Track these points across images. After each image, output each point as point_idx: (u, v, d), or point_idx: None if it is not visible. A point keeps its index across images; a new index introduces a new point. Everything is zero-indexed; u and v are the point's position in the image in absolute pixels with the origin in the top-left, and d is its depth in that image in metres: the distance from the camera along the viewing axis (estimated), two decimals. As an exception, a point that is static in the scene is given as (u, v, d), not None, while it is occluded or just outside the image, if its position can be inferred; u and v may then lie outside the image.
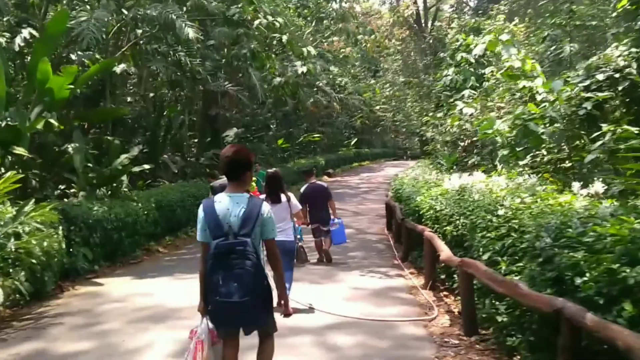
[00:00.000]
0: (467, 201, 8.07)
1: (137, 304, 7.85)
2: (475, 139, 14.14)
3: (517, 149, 10.38)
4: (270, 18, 20.05)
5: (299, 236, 9.24)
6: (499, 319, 5.54)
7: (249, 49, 19.15)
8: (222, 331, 3.90)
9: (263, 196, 4.35)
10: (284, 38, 21.49)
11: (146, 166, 14.07)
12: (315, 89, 29.67)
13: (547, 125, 9.22)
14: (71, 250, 9.71)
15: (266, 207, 3.88)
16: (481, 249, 6.25)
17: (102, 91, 16.13)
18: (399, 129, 58.37)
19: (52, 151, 13.15)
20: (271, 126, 30.60)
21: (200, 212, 3.83)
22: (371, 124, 51.13)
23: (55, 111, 11.62)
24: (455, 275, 7.69)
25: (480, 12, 36.94)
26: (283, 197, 7.34)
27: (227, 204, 3.79)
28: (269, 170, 4.74)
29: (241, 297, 3.58)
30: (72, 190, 12.75)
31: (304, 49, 22.17)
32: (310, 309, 7.33)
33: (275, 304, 4.02)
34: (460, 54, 19.32)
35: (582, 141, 9.19)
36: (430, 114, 30.98)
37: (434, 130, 23.15)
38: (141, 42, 16.80)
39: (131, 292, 8.68)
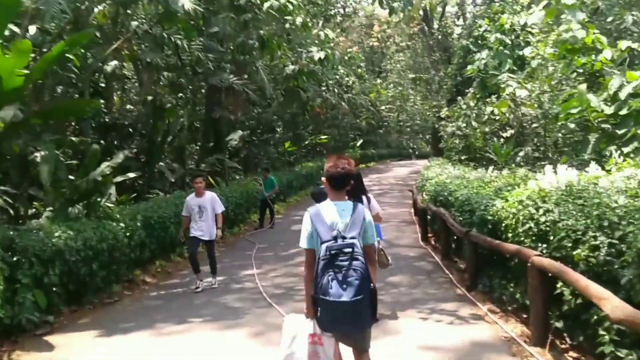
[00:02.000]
0: (598, 206, 4.84)
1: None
2: (535, 125, 10.77)
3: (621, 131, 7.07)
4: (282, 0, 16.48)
5: (379, 238, 6.30)
6: None
7: (258, 36, 15.66)
8: (332, 333, 3.59)
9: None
10: (298, 21, 17.80)
11: (131, 175, 10.71)
12: (323, 87, 26.18)
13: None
14: (15, 297, 6.51)
15: (368, 214, 3.73)
16: None
17: (82, 89, 12.91)
18: (402, 129, 55.50)
19: (19, 159, 9.92)
20: (277, 129, 27.18)
21: (307, 219, 3.65)
22: (375, 125, 47.79)
23: (8, 105, 8.31)
24: (597, 326, 4.37)
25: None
26: (364, 199, 6.36)
27: (334, 210, 3.63)
28: (353, 170, 3.30)
29: (350, 297, 3.36)
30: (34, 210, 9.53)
31: (321, 32, 18.59)
32: None
33: None
34: (494, 35, 15.88)
35: None
36: (445, 109, 27.75)
37: (457, 123, 19.87)
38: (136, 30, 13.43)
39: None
